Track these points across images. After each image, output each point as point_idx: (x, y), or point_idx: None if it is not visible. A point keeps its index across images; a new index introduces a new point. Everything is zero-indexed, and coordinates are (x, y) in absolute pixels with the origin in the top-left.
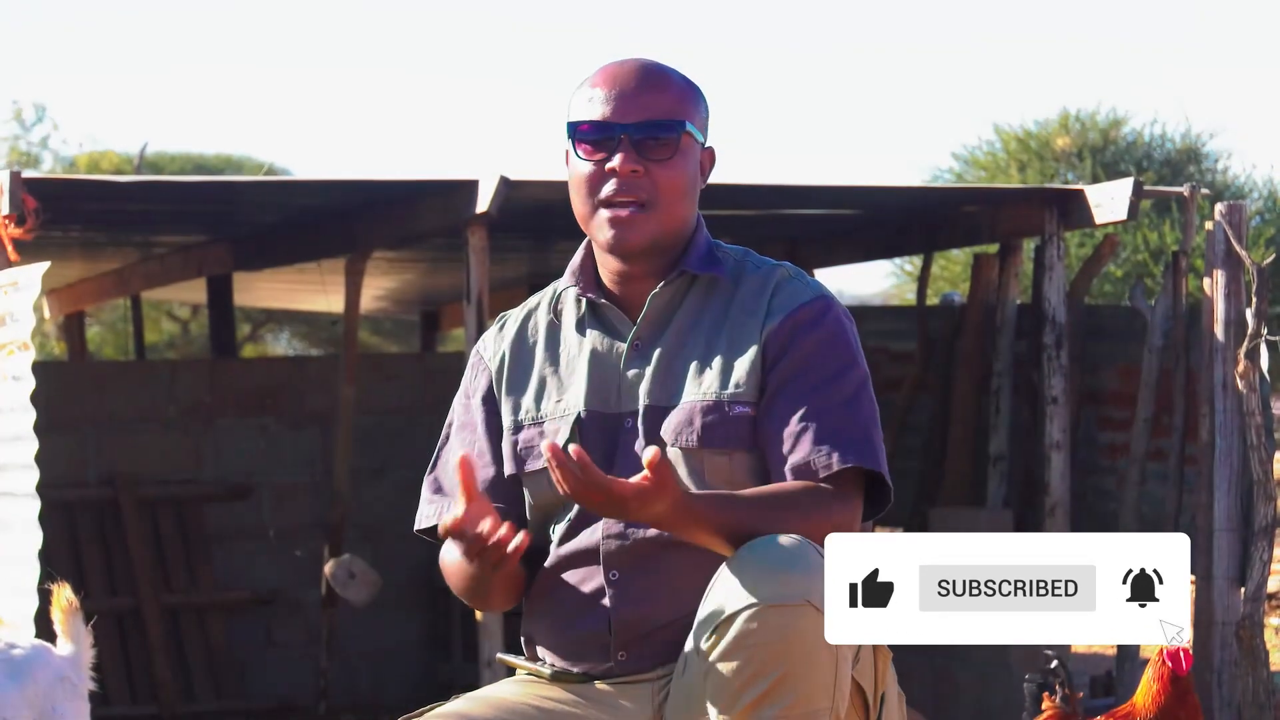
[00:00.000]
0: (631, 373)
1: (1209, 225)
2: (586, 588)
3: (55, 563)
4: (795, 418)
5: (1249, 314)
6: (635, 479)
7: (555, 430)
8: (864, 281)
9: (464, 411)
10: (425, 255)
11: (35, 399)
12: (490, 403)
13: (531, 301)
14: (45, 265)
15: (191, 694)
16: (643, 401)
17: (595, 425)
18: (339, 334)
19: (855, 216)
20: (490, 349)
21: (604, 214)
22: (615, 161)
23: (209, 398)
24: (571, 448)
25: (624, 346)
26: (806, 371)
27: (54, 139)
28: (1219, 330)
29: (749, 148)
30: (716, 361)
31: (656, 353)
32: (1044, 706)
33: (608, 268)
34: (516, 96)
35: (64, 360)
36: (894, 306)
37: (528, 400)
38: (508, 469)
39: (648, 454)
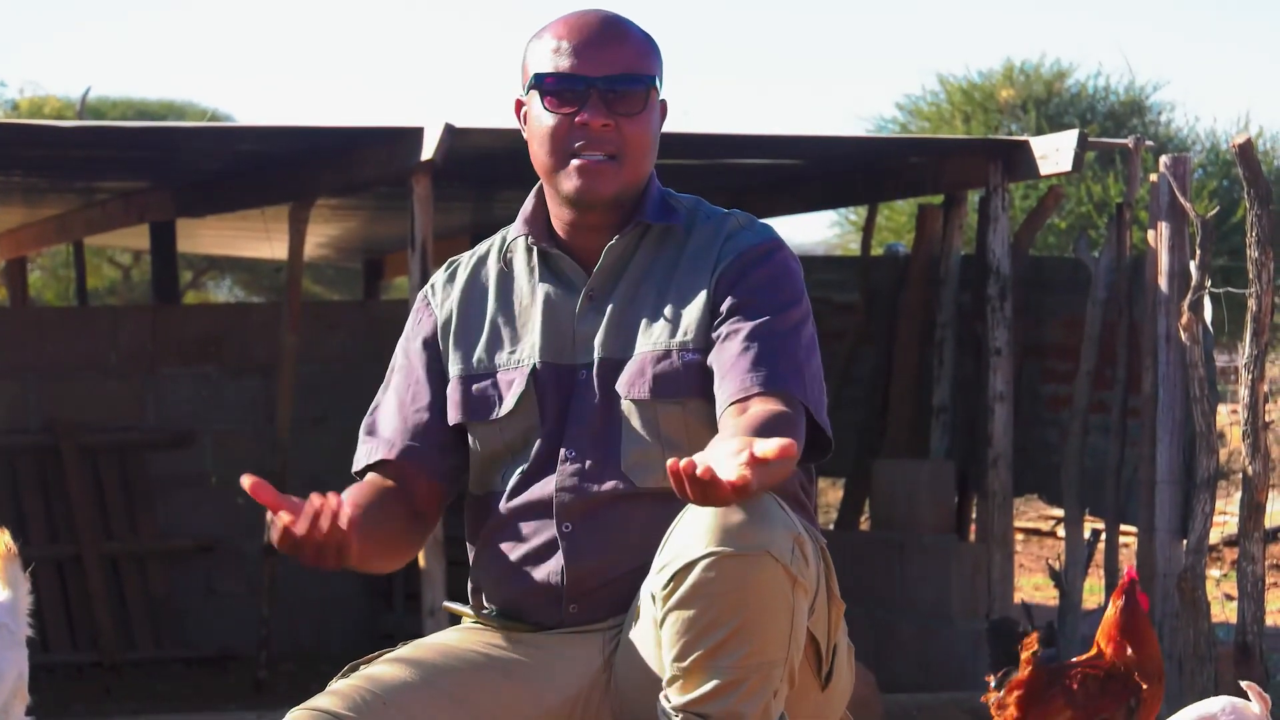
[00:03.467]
0: (585, 324)
1: (1153, 178)
2: (538, 540)
3: None
4: (732, 348)
5: (1192, 266)
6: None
7: (509, 381)
8: (807, 231)
9: (404, 355)
10: (369, 203)
11: None
12: (432, 348)
13: (481, 248)
14: None
15: (132, 642)
16: (597, 353)
17: (550, 376)
18: (282, 281)
19: (799, 166)
20: (439, 295)
21: (574, 163)
22: (586, 115)
23: (151, 345)
24: None
25: (578, 298)
26: (747, 305)
27: None
28: (1163, 283)
29: (693, 96)
30: (667, 310)
31: (610, 304)
32: (1023, 657)
33: (562, 218)
34: (462, 43)
35: (5, 306)
36: (837, 257)
37: (479, 350)
38: (455, 417)
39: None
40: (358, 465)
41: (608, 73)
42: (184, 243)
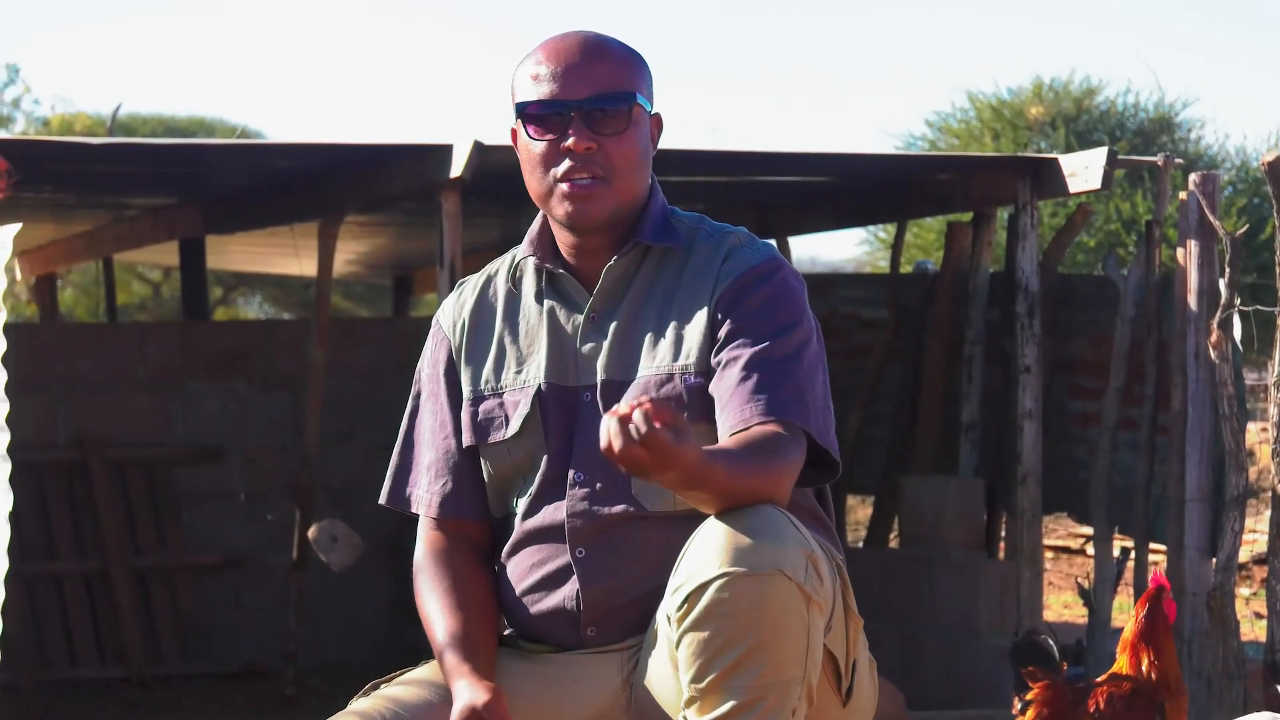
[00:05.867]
0: (588, 346)
1: (1182, 195)
2: (552, 565)
3: (24, 525)
4: (731, 376)
5: (1222, 284)
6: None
7: (515, 403)
8: (836, 249)
9: (429, 381)
10: (398, 219)
11: (6, 360)
12: (451, 373)
13: (490, 268)
14: (17, 226)
15: (159, 657)
16: (600, 375)
17: (554, 398)
18: (311, 298)
19: (828, 184)
20: (449, 317)
21: (561, 188)
22: (569, 140)
23: (179, 360)
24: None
25: (580, 319)
26: (746, 330)
27: (26, 100)
28: (1192, 300)
29: (721, 113)
30: (669, 332)
31: (612, 325)
32: (1034, 681)
33: (564, 240)
34: (490, 61)
35: (34, 322)
36: (866, 274)
37: (487, 370)
38: (466, 440)
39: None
40: (417, 508)
41: (587, 94)
42: (213, 259)
